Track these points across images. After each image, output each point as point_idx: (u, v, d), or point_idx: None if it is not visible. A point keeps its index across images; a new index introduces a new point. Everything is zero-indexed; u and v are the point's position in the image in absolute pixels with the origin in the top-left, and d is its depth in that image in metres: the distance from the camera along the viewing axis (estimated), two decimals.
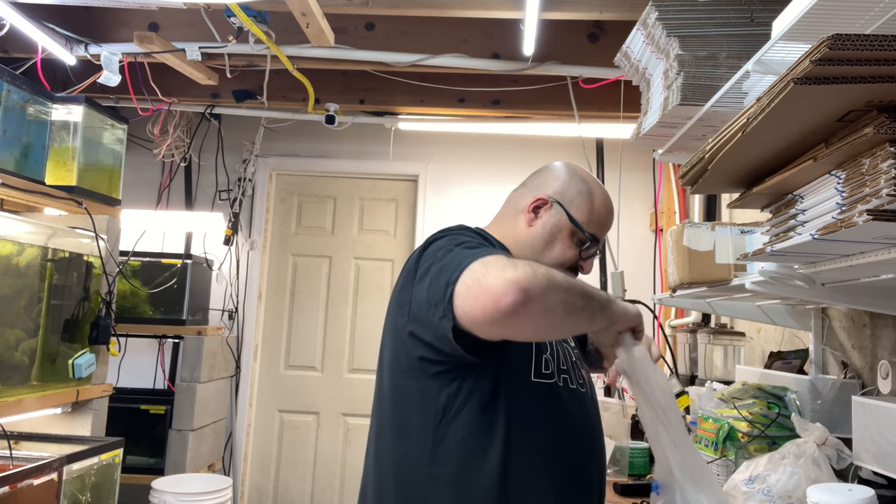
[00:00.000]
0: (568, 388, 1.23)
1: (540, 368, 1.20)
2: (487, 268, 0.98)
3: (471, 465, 1.15)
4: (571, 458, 1.20)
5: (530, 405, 1.17)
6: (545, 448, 1.18)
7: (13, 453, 1.85)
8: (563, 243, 1.32)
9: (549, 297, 0.98)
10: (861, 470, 1.47)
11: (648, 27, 1.68)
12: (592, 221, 1.34)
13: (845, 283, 1.34)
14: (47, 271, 2.20)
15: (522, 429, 1.16)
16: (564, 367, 1.25)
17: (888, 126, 0.83)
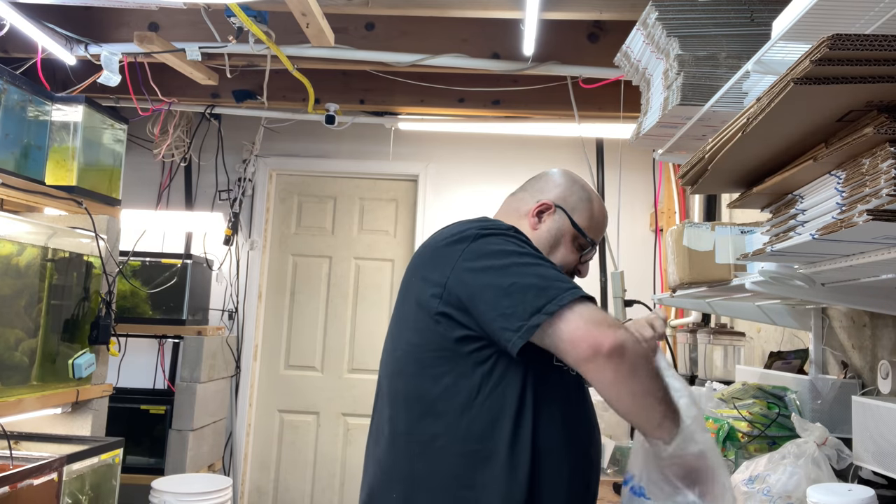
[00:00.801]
0: (571, 376, 1.29)
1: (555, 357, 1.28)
2: (596, 315, 1.14)
3: (505, 440, 1.19)
4: (582, 434, 1.27)
5: (552, 385, 1.24)
6: (563, 424, 1.24)
7: (13, 453, 1.85)
8: (566, 247, 1.40)
9: (648, 391, 1.13)
10: (861, 470, 1.47)
11: (648, 27, 1.68)
12: (592, 227, 1.42)
13: (845, 283, 1.34)
14: (47, 271, 2.20)
15: (548, 406, 1.22)
16: None
17: (888, 126, 0.83)
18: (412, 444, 1.22)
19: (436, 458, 1.19)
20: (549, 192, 1.43)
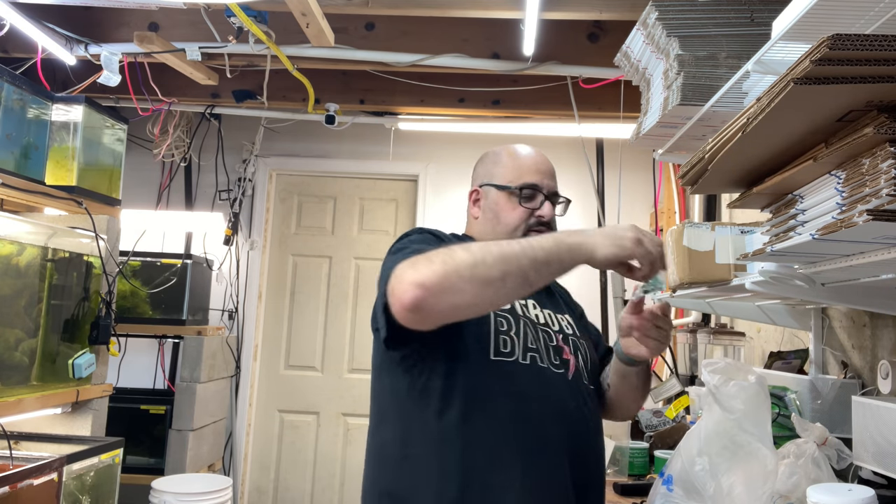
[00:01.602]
0: (536, 366, 1.26)
1: (499, 347, 1.25)
2: (398, 272, 1.07)
3: (436, 441, 1.21)
4: (537, 431, 1.22)
5: (488, 381, 1.22)
6: (506, 420, 1.21)
7: (13, 453, 1.85)
8: (506, 210, 1.41)
9: (451, 282, 1.04)
10: (861, 470, 1.47)
11: (648, 27, 1.68)
12: (516, 172, 1.43)
13: (845, 283, 1.34)
14: (47, 271, 2.20)
15: (482, 404, 1.21)
16: (534, 347, 1.28)
17: (888, 126, 0.83)
18: (371, 451, 1.30)
19: (385, 464, 1.25)
20: (475, 180, 1.51)
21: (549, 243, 1.11)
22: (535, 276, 1.09)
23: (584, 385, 1.34)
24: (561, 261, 1.12)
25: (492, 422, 1.21)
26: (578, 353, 1.37)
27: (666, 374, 2.83)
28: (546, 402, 1.25)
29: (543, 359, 1.28)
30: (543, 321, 1.36)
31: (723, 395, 1.26)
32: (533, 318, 1.35)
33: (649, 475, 2.02)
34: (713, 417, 1.26)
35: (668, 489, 1.26)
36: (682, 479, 1.25)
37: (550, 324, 1.37)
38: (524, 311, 1.34)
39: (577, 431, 1.27)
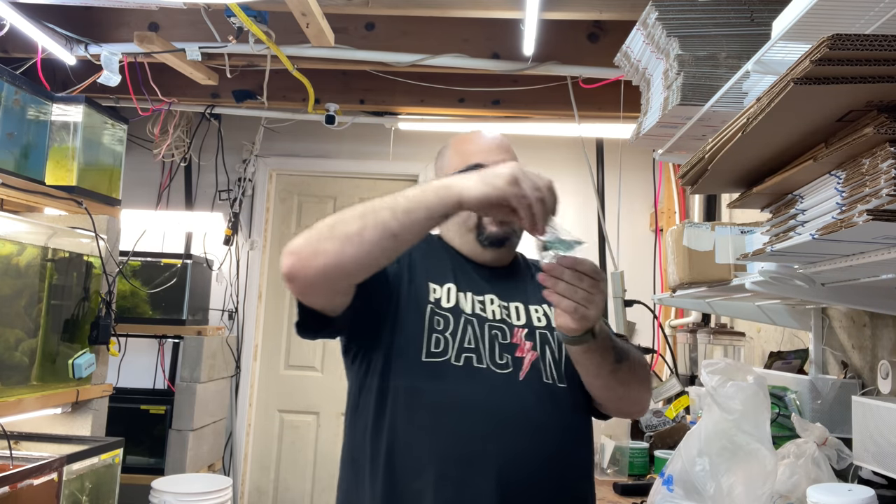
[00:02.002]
0: (471, 367, 1.18)
1: (430, 348, 1.19)
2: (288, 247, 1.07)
3: (369, 445, 1.19)
4: (460, 437, 1.15)
5: (416, 384, 1.18)
6: (428, 428, 1.15)
7: (13, 453, 1.85)
8: None
9: (313, 245, 1.03)
10: (861, 470, 1.47)
11: (648, 27, 1.68)
12: (460, 157, 1.34)
13: (845, 283, 1.34)
14: (47, 271, 2.20)
15: (408, 408, 1.17)
16: (472, 346, 1.20)
17: (888, 126, 0.83)
18: (341, 459, 1.29)
19: (342, 466, 1.26)
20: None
21: (414, 190, 1.06)
22: (398, 226, 1.02)
23: (546, 385, 1.21)
24: (428, 207, 1.04)
25: (413, 428, 1.16)
26: (547, 347, 1.25)
27: (666, 374, 2.83)
28: (476, 408, 1.15)
29: (483, 359, 1.19)
30: (501, 317, 1.26)
31: (721, 396, 1.26)
32: (486, 314, 1.25)
33: (649, 475, 2.02)
34: (712, 418, 1.26)
35: (669, 489, 1.26)
36: (682, 480, 1.25)
37: (513, 318, 1.27)
38: (476, 307, 1.25)
39: (516, 442, 1.15)
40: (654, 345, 3.11)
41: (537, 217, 1.05)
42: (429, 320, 1.21)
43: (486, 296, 1.28)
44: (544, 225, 1.07)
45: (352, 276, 1.08)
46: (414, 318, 1.22)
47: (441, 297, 1.25)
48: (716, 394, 1.27)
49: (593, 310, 1.07)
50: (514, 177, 1.03)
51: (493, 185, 1.03)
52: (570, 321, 1.07)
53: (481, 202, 1.03)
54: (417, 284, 1.26)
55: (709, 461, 1.25)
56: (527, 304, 1.31)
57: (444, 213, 1.05)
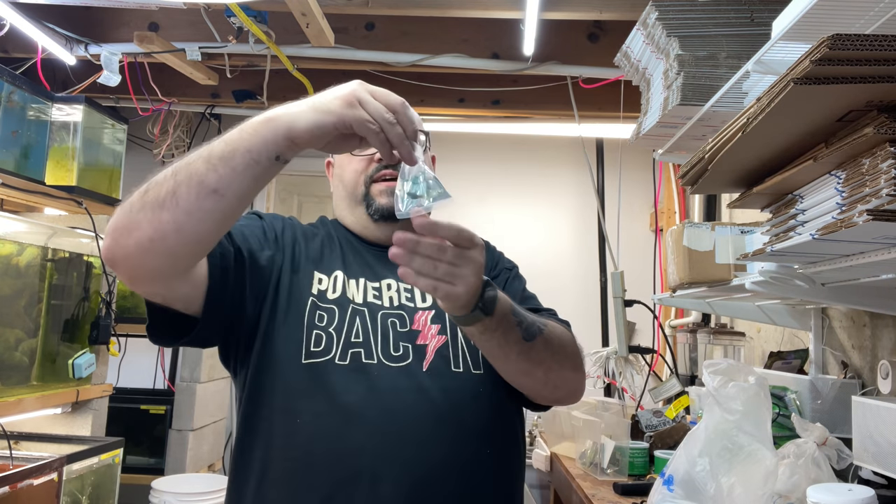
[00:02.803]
0: (358, 363, 1.02)
1: (309, 347, 1.03)
2: None
3: (242, 466, 1.07)
4: (343, 456, 0.98)
5: (294, 390, 1.02)
6: (307, 438, 1.00)
7: (13, 453, 1.85)
8: (346, 169, 1.20)
9: (128, 218, 0.84)
10: (861, 470, 1.47)
11: (648, 27, 1.68)
12: None
13: (845, 283, 1.34)
14: (47, 271, 2.20)
15: (284, 420, 1.02)
16: (358, 341, 1.04)
17: (888, 126, 0.83)
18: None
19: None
20: None
21: (232, 131, 0.86)
22: (216, 179, 0.81)
23: (457, 374, 1.05)
24: (249, 148, 0.83)
25: (291, 442, 1.00)
26: (459, 330, 1.08)
27: (666, 374, 2.83)
28: (362, 417, 0.99)
29: (373, 353, 1.03)
30: (400, 302, 1.10)
31: (722, 397, 1.26)
32: (381, 301, 1.10)
33: (649, 475, 2.02)
34: (713, 418, 1.26)
35: (669, 489, 1.26)
36: (682, 480, 1.25)
37: (418, 301, 1.12)
38: (369, 295, 1.10)
39: (419, 451, 0.99)
40: (654, 345, 3.11)
41: (395, 143, 0.85)
42: (308, 316, 1.05)
43: (384, 281, 1.13)
44: (409, 153, 0.87)
45: (178, 254, 0.85)
46: (293, 317, 1.06)
47: (326, 287, 1.09)
48: (717, 394, 1.27)
49: (461, 286, 0.85)
50: (354, 96, 0.83)
51: (327, 111, 0.83)
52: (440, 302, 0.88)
53: (315, 133, 0.83)
54: (301, 276, 1.10)
55: (709, 461, 1.25)
56: None
57: (274, 155, 0.84)
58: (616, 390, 3.12)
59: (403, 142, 0.86)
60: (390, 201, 1.11)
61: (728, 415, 1.25)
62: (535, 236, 3.82)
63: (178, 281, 0.92)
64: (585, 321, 3.62)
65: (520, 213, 3.88)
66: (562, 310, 1.25)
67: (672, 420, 2.28)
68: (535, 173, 3.81)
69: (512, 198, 3.91)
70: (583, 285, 3.71)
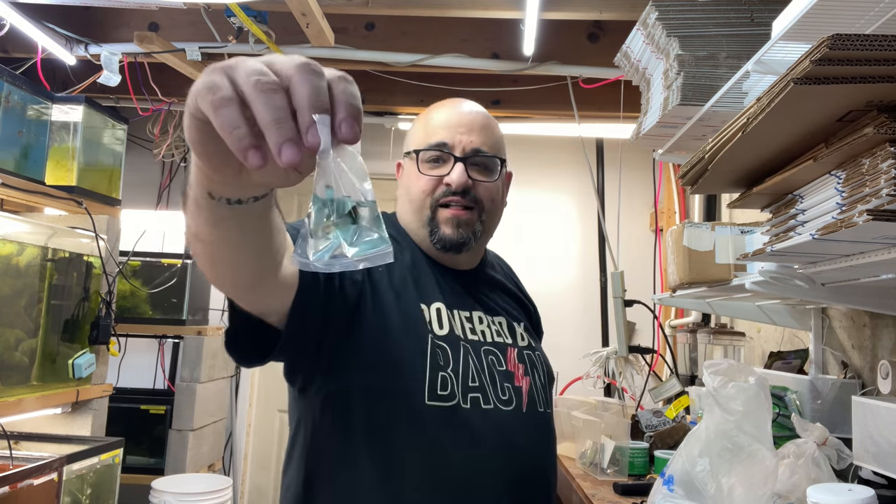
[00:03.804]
0: (479, 409, 1.00)
1: (435, 388, 0.97)
2: None
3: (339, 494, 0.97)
4: (476, 492, 0.98)
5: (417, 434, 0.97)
6: (440, 488, 0.96)
7: (13, 453, 1.85)
8: (413, 181, 1.11)
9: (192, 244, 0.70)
10: (861, 470, 1.47)
11: (648, 27, 1.68)
12: (424, 132, 1.13)
13: (845, 283, 1.34)
14: (47, 271, 2.20)
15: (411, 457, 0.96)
16: (476, 384, 1.01)
17: (888, 126, 0.83)
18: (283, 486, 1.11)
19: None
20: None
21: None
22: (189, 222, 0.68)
23: (540, 415, 1.09)
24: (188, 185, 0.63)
25: (423, 482, 0.95)
26: (535, 370, 1.11)
27: (666, 374, 2.83)
28: (494, 460, 0.99)
29: (489, 397, 1.01)
30: (491, 338, 1.08)
31: (722, 397, 1.26)
32: (478, 336, 1.07)
33: (649, 475, 2.02)
34: (714, 419, 1.26)
35: (669, 489, 1.26)
36: (683, 480, 1.25)
37: (504, 336, 1.10)
38: (467, 329, 1.06)
39: (525, 481, 1.03)
40: (654, 345, 3.11)
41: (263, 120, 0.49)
42: (431, 356, 0.99)
43: (474, 313, 1.09)
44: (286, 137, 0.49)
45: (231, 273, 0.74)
46: (410, 352, 0.98)
47: (431, 319, 1.03)
48: (717, 395, 1.27)
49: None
50: (212, 85, 0.50)
51: (190, 108, 0.52)
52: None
53: (195, 145, 0.54)
54: (406, 302, 1.02)
55: (709, 461, 1.25)
56: (508, 317, 1.14)
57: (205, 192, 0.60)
58: (616, 390, 3.12)
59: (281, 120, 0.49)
60: (456, 232, 1.07)
61: (728, 415, 1.25)
62: (535, 236, 3.82)
63: (260, 290, 0.80)
64: (585, 321, 3.62)
65: (520, 212, 3.88)
66: (562, 310, 1.25)
67: (672, 420, 2.28)
68: (535, 173, 3.81)
69: (512, 197, 3.91)
70: (583, 285, 3.71)
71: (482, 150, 1.09)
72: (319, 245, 0.52)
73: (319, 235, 0.52)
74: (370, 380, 0.97)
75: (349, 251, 0.52)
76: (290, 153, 0.49)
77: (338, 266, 0.52)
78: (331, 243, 0.53)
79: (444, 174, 1.07)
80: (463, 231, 1.07)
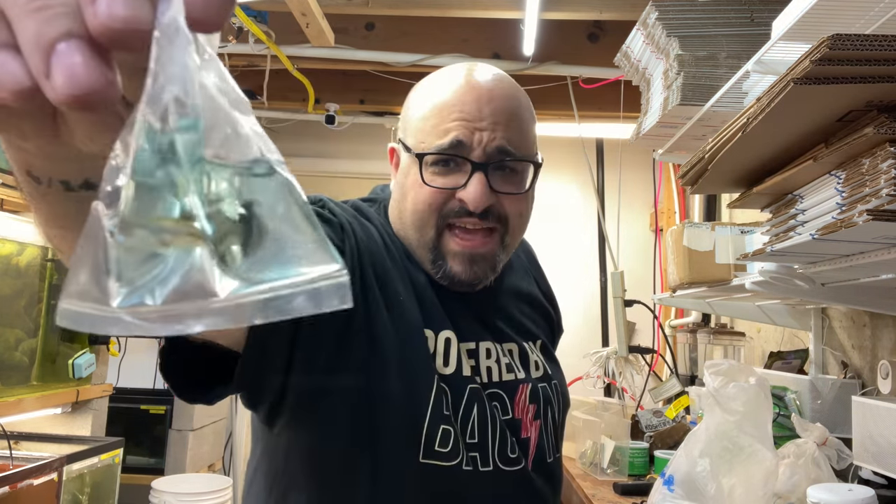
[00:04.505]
0: (477, 473, 0.81)
1: (433, 443, 0.77)
2: None
3: None
4: None
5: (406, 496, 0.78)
6: None
7: (13, 453, 1.85)
8: (413, 187, 0.84)
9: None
10: (861, 470, 1.47)
11: (648, 27, 1.68)
12: (434, 121, 0.83)
13: (845, 283, 1.34)
14: (47, 271, 2.20)
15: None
16: (474, 441, 0.81)
17: (888, 126, 0.83)
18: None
19: None
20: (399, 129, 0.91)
21: None
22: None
23: (547, 466, 0.90)
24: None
25: None
26: (550, 407, 0.91)
27: (666, 374, 2.83)
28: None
29: (489, 456, 0.82)
30: (499, 375, 0.86)
31: (723, 398, 1.26)
32: (479, 374, 0.85)
33: (649, 475, 2.02)
34: (714, 419, 1.26)
35: (670, 489, 1.26)
36: (683, 480, 1.25)
37: (514, 371, 0.89)
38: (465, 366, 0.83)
39: None
40: (654, 345, 3.11)
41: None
42: (434, 403, 0.78)
43: (482, 343, 0.86)
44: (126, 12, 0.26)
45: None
46: (408, 396, 0.77)
47: (438, 351, 0.81)
48: (718, 395, 1.27)
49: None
50: None
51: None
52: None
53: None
54: (407, 324, 0.80)
55: (710, 462, 1.25)
56: (522, 338, 0.93)
57: (23, 170, 0.40)
58: (616, 390, 3.12)
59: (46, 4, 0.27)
60: (469, 271, 0.82)
61: (729, 415, 1.25)
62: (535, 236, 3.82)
63: None
64: (585, 321, 3.62)
65: None
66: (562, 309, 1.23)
67: (672, 420, 2.28)
68: None
69: None
70: (583, 285, 3.71)
71: (510, 149, 0.83)
72: (139, 274, 0.25)
73: (142, 246, 0.25)
74: (343, 440, 0.77)
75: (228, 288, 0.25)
76: (75, 48, 0.26)
77: (191, 325, 0.25)
78: (173, 267, 0.25)
79: (457, 185, 0.80)
80: (479, 269, 0.83)
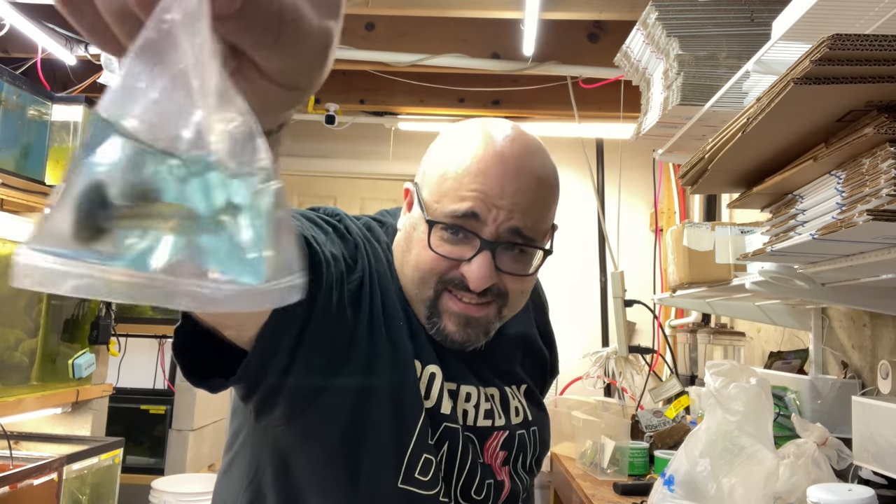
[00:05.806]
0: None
1: (413, 470, 0.79)
2: None
3: None
4: None
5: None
6: None
7: (13, 453, 1.85)
8: (417, 242, 0.82)
9: None
10: (861, 470, 1.47)
11: (648, 27, 1.68)
12: (452, 183, 0.79)
13: (845, 283, 1.34)
14: None
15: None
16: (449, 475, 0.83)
17: (888, 126, 0.83)
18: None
19: None
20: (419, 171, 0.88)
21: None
22: None
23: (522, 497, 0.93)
24: None
25: None
26: (523, 454, 0.91)
27: (666, 374, 2.83)
28: None
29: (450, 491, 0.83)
30: (474, 420, 0.87)
31: (724, 398, 1.26)
32: (457, 415, 0.85)
33: (649, 475, 2.02)
34: (715, 419, 1.26)
35: (670, 489, 1.26)
36: (683, 480, 1.25)
37: (493, 416, 0.89)
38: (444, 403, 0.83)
39: None
40: (654, 345, 3.11)
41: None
42: (420, 433, 0.79)
43: (463, 387, 0.86)
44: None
45: None
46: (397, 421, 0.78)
47: (422, 384, 0.83)
48: (719, 395, 1.27)
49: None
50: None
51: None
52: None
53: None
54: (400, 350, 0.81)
55: (710, 462, 1.25)
56: (505, 383, 0.92)
57: None
58: (616, 390, 3.12)
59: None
60: (462, 333, 0.82)
61: (729, 416, 1.25)
62: None
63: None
64: (585, 321, 3.62)
65: None
66: (562, 310, 1.24)
67: (672, 420, 2.28)
68: None
69: None
70: (583, 285, 3.71)
71: (524, 232, 0.79)
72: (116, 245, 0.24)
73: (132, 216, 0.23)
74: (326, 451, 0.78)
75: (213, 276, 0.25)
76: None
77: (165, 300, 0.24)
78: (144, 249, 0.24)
79: (462, 257, 0.79)
80: (472, 333, 0.82)
